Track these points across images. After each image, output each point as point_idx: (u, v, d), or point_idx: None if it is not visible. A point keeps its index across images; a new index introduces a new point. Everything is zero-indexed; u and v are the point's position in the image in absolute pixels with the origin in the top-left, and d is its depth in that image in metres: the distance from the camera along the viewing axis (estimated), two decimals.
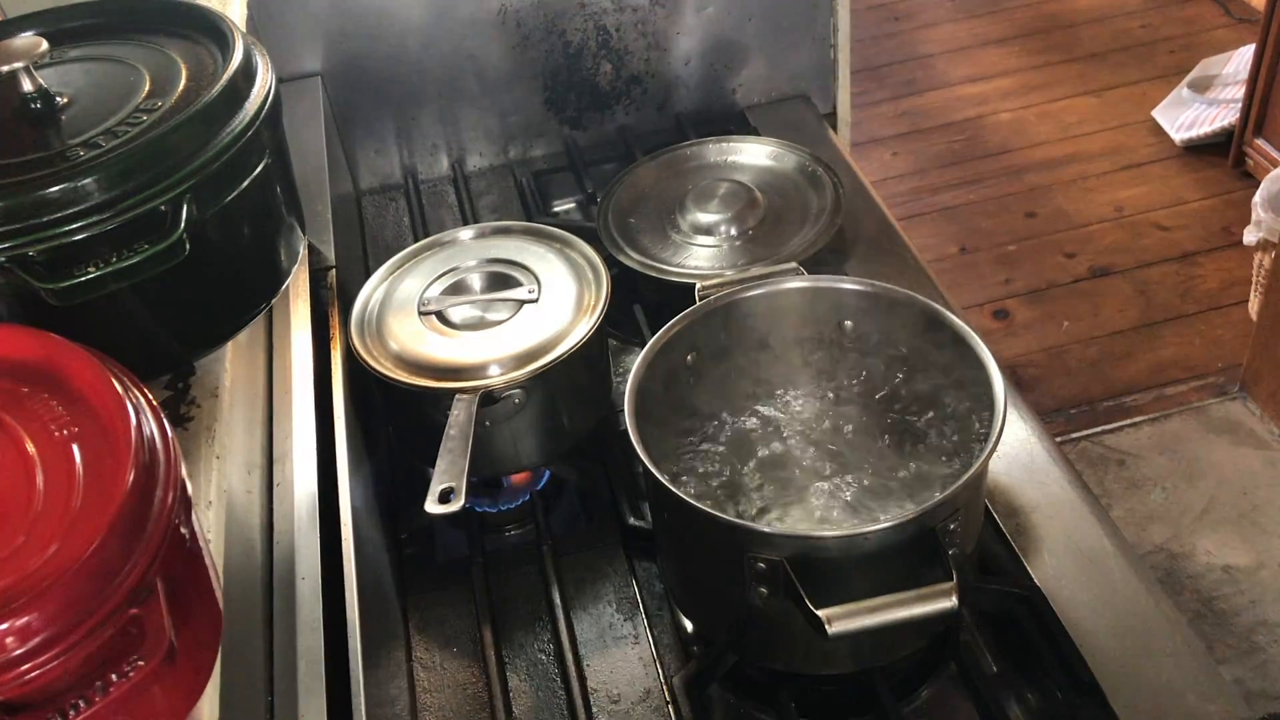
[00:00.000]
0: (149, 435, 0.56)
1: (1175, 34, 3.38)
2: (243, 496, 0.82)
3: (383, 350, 1.03)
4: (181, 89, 0.82)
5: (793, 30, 1.55)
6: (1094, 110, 3.11)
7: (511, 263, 1.10)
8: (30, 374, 0.60)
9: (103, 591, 0.50)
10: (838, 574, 0.80)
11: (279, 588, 0.79)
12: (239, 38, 0.86)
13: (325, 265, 1.14)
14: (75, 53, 0.88)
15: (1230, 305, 2.50)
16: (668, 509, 0.89)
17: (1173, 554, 1.98)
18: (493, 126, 1.57)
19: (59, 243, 0.72)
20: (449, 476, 0.90)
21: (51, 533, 0.52)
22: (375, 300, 1.09)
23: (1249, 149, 2.74)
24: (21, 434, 0.57)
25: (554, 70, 1.53)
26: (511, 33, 1.49)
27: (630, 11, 1.50)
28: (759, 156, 1.34)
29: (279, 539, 0.83)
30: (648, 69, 1.56)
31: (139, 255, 0.73)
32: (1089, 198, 2.82)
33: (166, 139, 0.76)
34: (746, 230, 1.22)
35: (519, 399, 0.99)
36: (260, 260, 0.89)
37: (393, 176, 1.57)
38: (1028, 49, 3.40)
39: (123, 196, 0.73)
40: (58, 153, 0.75)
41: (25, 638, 0.48)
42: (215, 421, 0.81)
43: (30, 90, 0.80)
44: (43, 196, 0.71)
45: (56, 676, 0.49)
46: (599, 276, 1.07)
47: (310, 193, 1.18)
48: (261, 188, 0.85)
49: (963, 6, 3.63)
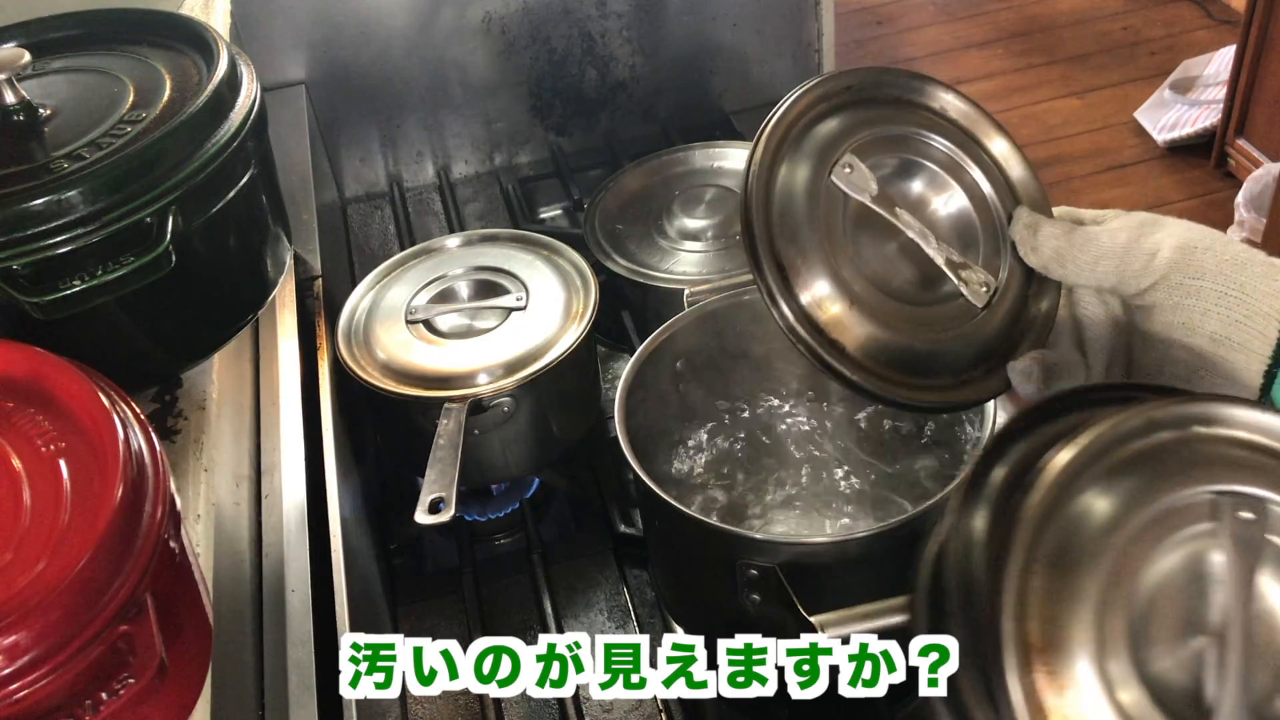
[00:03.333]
0: (137, 449, 0.56)
1: (1156, 36, 3.40)
2: (231, 509, 0.81)
3: (370, 359, 1.03)
4: (166, 100, 0.82)
5: (777, 35, 1.55)
6: (1077, 112, 3.13)
7: (499, 270, 1.10)
8: (16, 389, 0.60)
9: (92, 608, 0.50)
10: (830, 580, 0.80)
11: (269, 600, 0.79)
12: (223, 48, 0.85)
13: (311, 275, 1.13)
14: (58, 64, 0.88)
15: None
16: (658, 516, 0.89)
17: None
18: (478, 134, 1.57)
19: (43, 256, 0.71)
20: (439, 486, 0.89)
21: (39, 549, 0.52)
22: (362, 309, 1.08)
23: (1231, 149, 2.76)
24: (8, 449, 0.56)
25: (539, 77, 1.53)
26: (496, 40, 1.49)
27: (615, 18, 1.50)
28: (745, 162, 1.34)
29: (268, 551, 0.82)
30: (633, 75, 1.56)
31: (125, 268, 0.73)
32: (1073, 199, 2.83)
33: (151, 150, 0.75)
34: (734, 235, 1.22)
35: (508, 407, 0.99)
36: (246, 271, 0.89)
37: (378, 185, 1.57)
38: (1010, 51, 3.41)
39: (108, 209, 0.73)
40: (41, 165, 0.75)
41: (13, 656, 0.48)
42: (203, 434, 0.81)
43: (13, 102, 0.79)
44: (26, 209, 0.70)
45: (46, 695, 0.49)
46: (587, 283, 1.07)
47: (296, 202, 1.17)
48: (247, 198, 0.85)
49: (945, 10, 3.64)
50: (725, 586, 0.82)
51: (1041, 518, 0.52)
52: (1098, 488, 0.53)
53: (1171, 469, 0.54)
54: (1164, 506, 0.53)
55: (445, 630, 1.00)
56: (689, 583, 0.92)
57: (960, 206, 0.73)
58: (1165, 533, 0.53)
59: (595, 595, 1.01)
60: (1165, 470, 0.54)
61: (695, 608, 0.94)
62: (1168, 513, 0.53)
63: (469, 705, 0.93)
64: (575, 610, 1.00)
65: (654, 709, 0.91)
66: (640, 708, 0.91)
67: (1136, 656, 0.51)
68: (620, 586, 1.01)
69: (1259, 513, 0.53)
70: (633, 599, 1.00)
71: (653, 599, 1.00)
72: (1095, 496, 0.53)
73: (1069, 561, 0.52)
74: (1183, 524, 0.53)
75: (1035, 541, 0.52)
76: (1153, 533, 0.53)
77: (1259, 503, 0.54)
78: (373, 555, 1.01)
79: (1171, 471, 0.54)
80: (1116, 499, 0.53)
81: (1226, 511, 0.53)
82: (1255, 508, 0.54)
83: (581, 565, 1.03)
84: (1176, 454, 0.54)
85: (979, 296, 0.71)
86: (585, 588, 1.02)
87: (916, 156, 0.73)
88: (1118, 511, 0.53)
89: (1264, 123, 2.64)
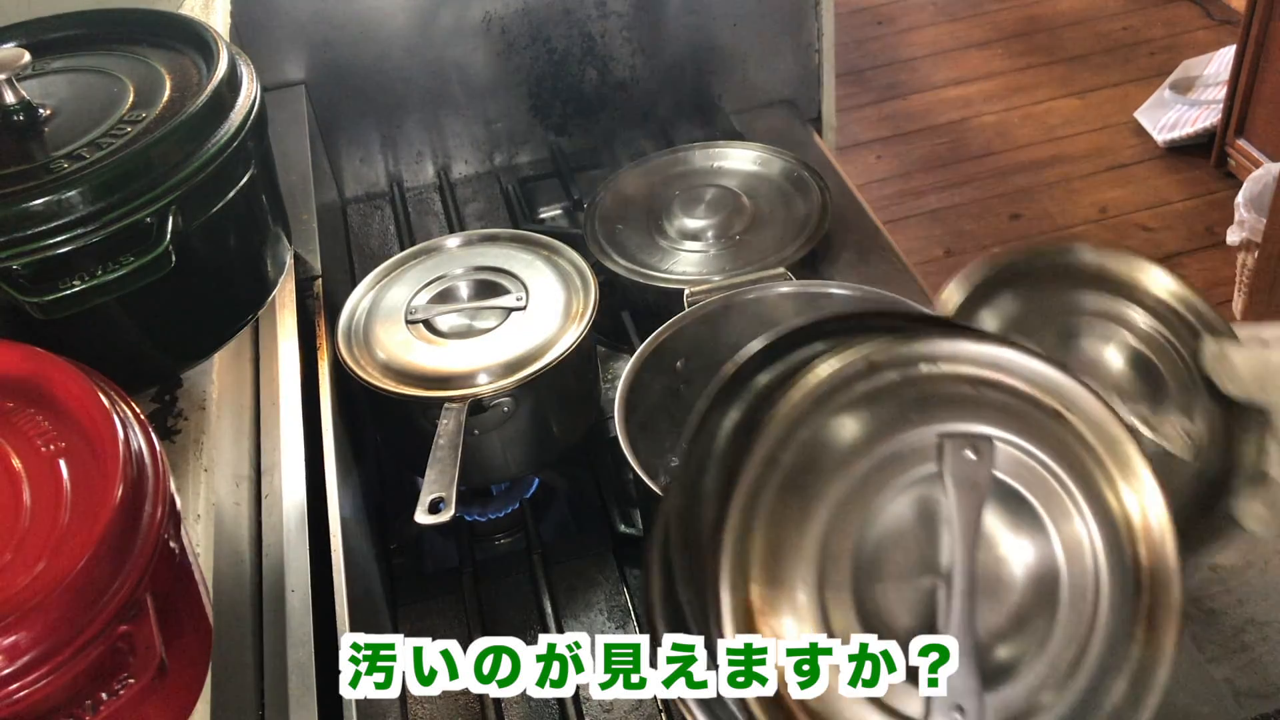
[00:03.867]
0: (137, 449, 0.56)
1: (1156, 36, 3.40)
2: (231, 509, 0.81)
3: (370, 359, 1.02)
4: (166, 100, 0.82)
5: (777, 35, 1.55)
6: (1077, 112, 3.13)
7: (499, 270, 1.10)
8: (16, 389, 0.60)
9: (92, 608, 0.50)
10: None
11: (269, 601, 0.79)
12: (223, 48, 0.85)
13: (311, 275, 1.13)
14: (58, 64, 0.88)
15: (1215, 305, 2.49)
16: None
17: None
18: (478, 134, 1.56)
19: (43, 256, 0.71)
20: (439, 486, 0.89)
21: (39, 550, 0.52)
22: (362, 309, 1.08)
23: (1231, 149, 2.76)
24: (8, 450, 0.56)
25: (539, 77, 1.53)
26: (496, 40, 1.49)
27: (615, 18, 1.50)
28: (745, 162, 1.34)
29: (268, 551, 0.82)
30: (633, 75, 1.55)
31: (125, 268, 0.73)
32: (1073, 199, 2.84)
33: (151, 150, 0.75)
34: (734, 235, 1.22)
35: (508, 407, 0.99)
36: (246, 271, 0.89)
37: (378, 185, 1.57)
38: (1010, 52, 3.41)
39: (108, 209, 0.73)
40: (41, 165, 0.75)
41: (13, 656, 0.48)
42: (203, 434, 0.81)
43: (13, 102, 0.79)
44: (26, 209, 0.70)
45: (46, 695, 0.49)
46: (587, 283, 1.07)
47: (295, 202, 1.17)
48: (247, 198, 0.85)
49: (945, 10, 3.64)
50: None
51: (765, 463, 0.52)
52: (827, 428, 0.54)
53: (897, 410, 0.54)
54: (891, 449, 0.54)
55: (445, 630, 1.00)
56: None
57: (1132, 354, 0.69)
58: (894, 474, 0.54)
59: (595, 595, 1.01)
60: (891, 412, 0.54)
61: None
62: (895, 455, 0.54)
63: (469, 705, 0.93)
64: (575, 610, 1.00)
65: (654, 707, 0.91)
66: (640, 708, 0.91)
67: (859, 590, 0.52)
68: (620, 586, 1.01)
69: (983, 452, 0.54)
70: (633, 599, 1.00)
71: None
72: (825, 436, 0.53)
73: (796, 498, 0.52)
74: (910, 466, 0.54)
75: (760, 482, 0.52)
76: (882, 474, 0.53)
77: (984, 441, 0.54)
78: (373, 555, 1.01)
79: (897, 413, 0.54)
80: (843, 442, 0.53)
81: (950, 453, 0.54)
82: (979, 447, 0.54)
83: (581, 565, 1.03)
84: (900, 395, 0.54)
85: (1186, 449, 0.66)
86: (585, 588, 1.02)
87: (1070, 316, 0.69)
88: (844, 454, 0.53)
89: (1264, 122, 2.64)
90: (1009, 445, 0.54)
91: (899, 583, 0.53)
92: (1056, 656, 0.54)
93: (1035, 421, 0.55)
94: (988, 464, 0.54)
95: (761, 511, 0.52)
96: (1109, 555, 0.55)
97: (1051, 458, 0.55)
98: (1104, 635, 0.55)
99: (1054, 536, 0.55)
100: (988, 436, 0.54)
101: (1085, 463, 0.55)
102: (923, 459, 0.53)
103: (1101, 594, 0.55)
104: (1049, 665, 0.54)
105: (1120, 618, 0.55)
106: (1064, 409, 0.55)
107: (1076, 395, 0.55)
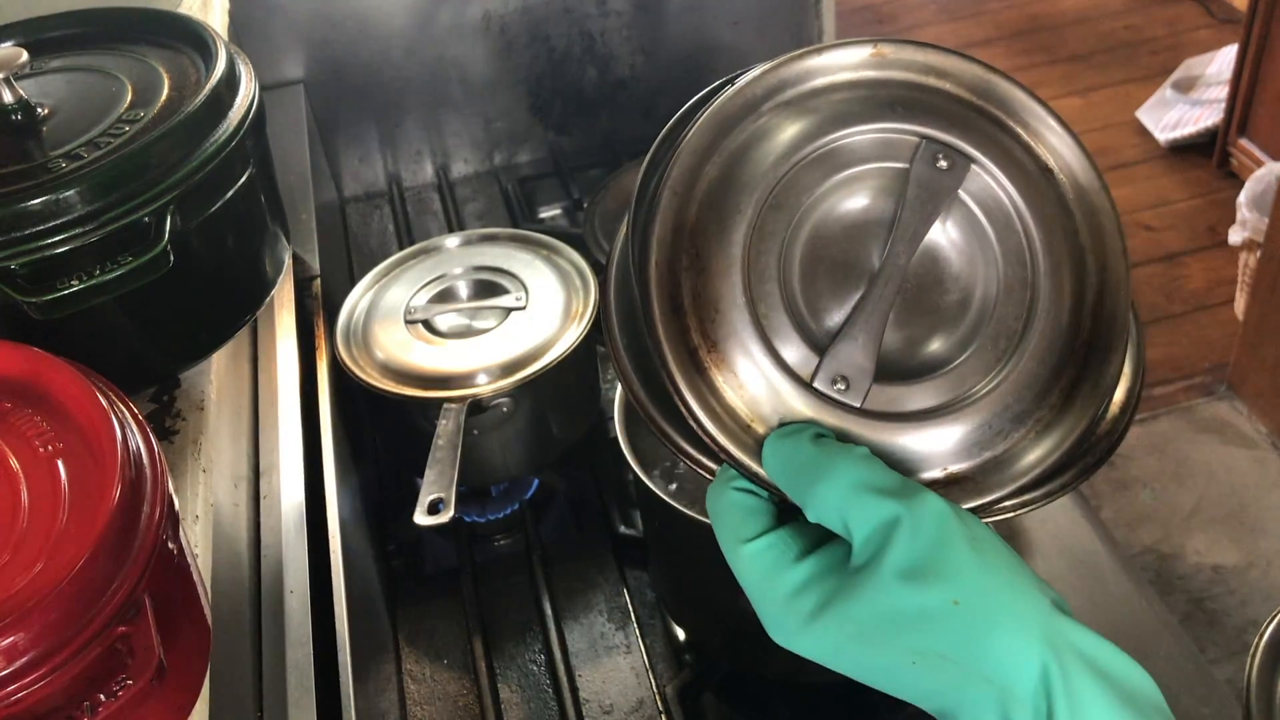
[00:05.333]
0: (135, 450, 0.56)
1: (1158, 35, 3.40)
2: (230, 510, 0.81)
3: (369, 360, 1.02)
4: (164, 99, 0.81)
5: (778, 34, 1.55)
6: (1079, 111, 3.13)
7: (498, 270, 1.10)
8: (13, 389, 0.59)
9: (90, 610, 0.50)
10: None
11: (267, 602, 0.78)
12: (221, 46, 0.85)
13: (310, 275, 1.13)
14: (56, 63, 0.87)
15: (1216, 305, 2.51)
16: (658, 517, 0.89)
17: (1162, 555, 1.99)
18: (477, 133, 1.56)
19: (41, 255, 0.71)
20: (438, 487, 0.89)
21: (37, 550, 0.52)
22: (361, 309, 1.08)
23: (1233, 149, 2.76)
24: (5, 450, 0.56)
25: (539, 76, 1.53)
26: (495, 39, 1.48)
27: (615, 16, 1.50)
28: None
29: (266, 552, 0.82)
30: (633, 74, 1.55)
31: (123, 268, 0.73)
32: None
33: (149, 150, 0.75)
34: None
35: (507, 407, 0.99)
36: (245, 271, 0.89)
37: (377, 184, 1.57)
38: (1012, 50, 3.41)
39: (106, 208, 0.72)
40: (39, 164, 0.75)
41: (11, 658, 0.47)
42: (201, 434, 0.81)
43: (10, 101, 0.79)
44: (24, 209, 0.70)
45: (43, 697, 0.49)
46: (587, 283, 1.07)
47: (294, 201, 1.17)
48: (246, 198, 0.85)
49: (946, 9, 3.64)
50: (725, 587, 0.81)
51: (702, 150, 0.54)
52: (764, 130, 0.53)
53: (873, 108, 0.53)
54: (866, 140, 0.53)
55: (444, 631, 1.00)
56: (689, 583, 0.92)
57: None
58: (855, 162, 0.53)
59: (595, 596, 1.01)
60: (865, 108, 0.53)
61: (696, 608, 0.93)
62: (863, 149, 0.53)
63: (469, 706, 0.93)
64: (575, 611, 0.99)
65: (654, 708, 0.90)
66: (640, 708, 0.91)
67: (788, 283, 0.52)
68: (620, 588, 1.01)
69: (956, 167, 0.53)
70: (633, 600, 1.00)
71: (653, 600, 1.00)
72: (761, 137, 0.53)
73: (732, 194, 0.52)
74: (879, 158, 0.53)
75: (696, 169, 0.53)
76: (837, 159, 0.52)
77: (961, 158, 0.53)
78: (372, 556, 1.01)
79: (873, 110, 0.53)
80: (781, 141, 0.53)
81: (923, 156, 0.52)
82: (955, 161, 0.53)
83: (581, 566, 1.03)
84: (878, 95, 0.53)
85: None
86: (585, 589, 1.01)
87: None
88: (783, 152, 0.52)
89: (1266, 122, 2.63)
90: (986, 174, 0.53)
91: (833, 284, 0.52)
92: (962, 381, 0.52)
93: (1021, 165, 0.53)
94: (956, 180, 0.52)
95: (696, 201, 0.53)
96: (1050, 314, 0.53)
97: (1026, 204, 0.53)
98: (1018, 382, 0.52)
99: (999, 271, 0.53)
100: (967, 156, 0.53)
101: (1058, 223, 0.54)
102: (897, 155, 0.52)
103: (1029, 339, 0.52)
104: (951, 386, 0.52)
105: (1045, 369, 0.52)
106: (1056, 170, 0.54)
107: (1080, 170, 0.55)
